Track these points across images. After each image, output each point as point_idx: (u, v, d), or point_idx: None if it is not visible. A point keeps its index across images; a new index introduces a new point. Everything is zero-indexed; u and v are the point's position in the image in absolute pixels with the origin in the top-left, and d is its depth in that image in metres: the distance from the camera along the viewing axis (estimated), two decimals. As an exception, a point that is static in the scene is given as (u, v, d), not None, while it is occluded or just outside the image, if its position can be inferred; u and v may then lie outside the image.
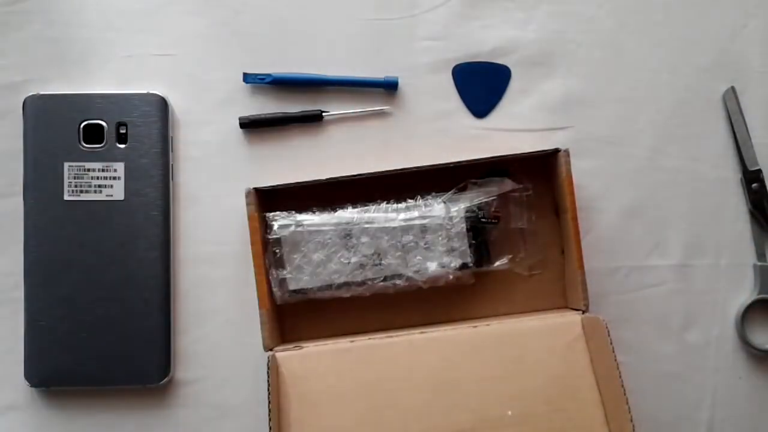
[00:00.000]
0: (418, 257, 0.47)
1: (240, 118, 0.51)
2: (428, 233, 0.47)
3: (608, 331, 0.43)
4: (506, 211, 0.50)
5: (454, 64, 0.52)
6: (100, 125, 0.50)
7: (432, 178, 0.48)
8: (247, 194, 0.46)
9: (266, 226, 0.47)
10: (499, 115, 0.52)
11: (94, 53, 0.52)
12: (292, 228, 0.47)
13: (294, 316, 0.50)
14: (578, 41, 0.53)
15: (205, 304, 0.51)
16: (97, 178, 0.49)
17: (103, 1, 0.53)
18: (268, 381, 0.43)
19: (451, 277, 0.48)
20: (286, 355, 0.45)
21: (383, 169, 0.47)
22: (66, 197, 0.49)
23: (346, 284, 0.48)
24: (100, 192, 0.49)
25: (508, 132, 0.52)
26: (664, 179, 0.52)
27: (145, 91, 0.50)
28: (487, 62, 0.53)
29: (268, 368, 0.44)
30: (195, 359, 0.50)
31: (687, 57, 0.53)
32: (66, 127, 0.50)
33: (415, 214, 0.47)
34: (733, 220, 0.52)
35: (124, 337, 0.49)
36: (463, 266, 0.48)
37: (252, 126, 0.51)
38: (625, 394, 0.42)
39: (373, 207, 0.48)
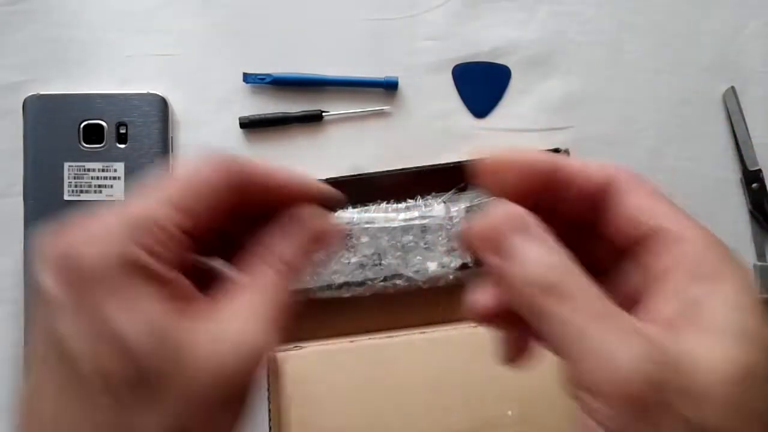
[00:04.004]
0: (418, 257, 0.47)
1: (240, 118, 0.51)
2: (428, 233, 0.47)
3: (608, 331, 0.43)
4: (506, 211, 0.50)
5: (454, 64, 0.52)
6: (100, 125, 0.50)
7: (432, 178, 0.48)
8: (247, 194, 0.46)
9: (266, 226, 0.47)
10: (499, 115, 0.52)
11: (94, 53, 0.52)
12: (292, 228, 0.47)
13: (294, 316, 0.50)
14: (578, 41, 0.53)
15: (205, 304, 0.51)
16: (97, 178, 0.49)
17: (104, 2, 0.53)
18: (268, 381, 0.43)
19: (451, 277, 0.48)
20: (286, 355, 0.45)
21: (383, 169, 0.47)
22: (66, 197, 0.49)
23: (346, 284, 0.48)
24: (100, 192, 0.49)
25: (508, 132, 0.52)
26: (664, 179, 0.51)
27: (145, 91, 0.50)
28: (487, 62, 0.53)
29: (268, 368, 0.44)
30: (195, 359, 0.50)
31: (687, 57, 0.53)
32: (66, 127, 0.50)
33: (415, 214, 0.47)
34: (733, 220, 0.52)
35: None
36: (463, 266, 0.48)
37: (252, 126, 0.51)
38: (625, 394, 0.42)
39: (373, 207, 0.48)
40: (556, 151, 0.47)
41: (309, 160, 0.52)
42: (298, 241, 0.26)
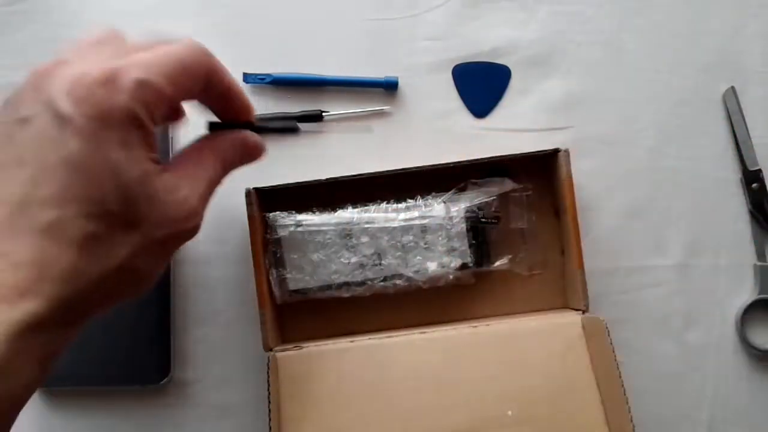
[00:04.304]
0: (418, 257, 0.47)
1: (240, 118, 0.51)
2: (428, 233, 0.47)
3: (608, 331, 0.43)
4: (506, 211, 0.50)
5: (454, 64, 0.52)
6: (100, 125, 0.50)
7: (432, 178, 0.48)
8: (247, 194, 0.46)
9: (266, 226, 0.47)
10: (499, 115, 0.52)
11: (94, 53, 0.52)
12: (292, 228, 0.47)
13: (294, 316, 0.50)
14: (578, 41, 0.53)
15: (205, 304, 0.51)
16: (97, 178, 0.49)
17: (104, 2, 0.53)
18: (268, 381, 0.44)
19: (451, 277, 0.48)
20: (286, 355, 0.45)
21: (383, 169, 0.47)
22: (66, 197, 0.49)
23: (346, 284, 0.48)
24: (100, 192, 0.49)
25: (508, 132, 0.52)
26: (664, 179, 0.52)
27: (145, 91, 0.50)
28: (487, 62, 0.53)
29: (268, 368, 0.44)
30: (195, 359, 0.50)
31: (687, 57, 0.53)
32: (66, 127, 0.50)
33: (415, 214, 0.47)
34: (733, 220, 0.52)
35: (124, 337, 0.49)
36: (463, 266, 0.48)
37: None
38: (625, 394, 0.42)
39: (373, 207, 0.48)
40: (556, 151, 0.47)
41: (309, 160, 0.52)
42: (235, 144, 0.37)
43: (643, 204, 0.52)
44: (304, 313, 0.50)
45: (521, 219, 0.50)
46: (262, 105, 0.52)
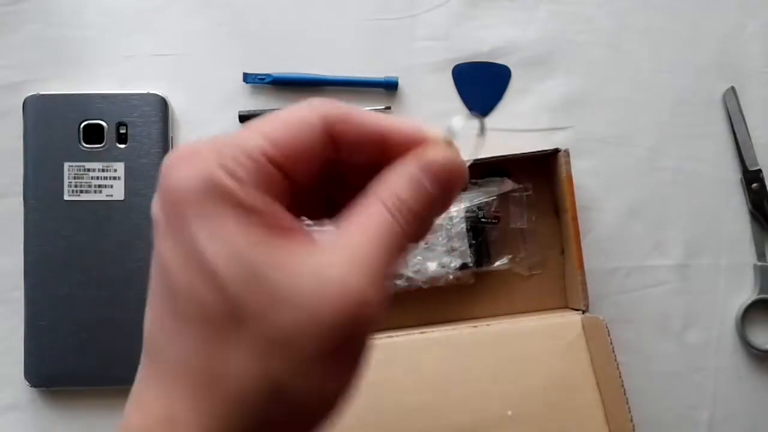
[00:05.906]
0: (418, 257, 0.47)
1: (240, 111, 0.51)
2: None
3: (608, 331, 0.43)
4: (506, 211, 0.50)
5: (454, 64, 0.52)
6: (100, 125, 0.50)
7: (432, 178, 0.48)
8: (247, 194, 0.46)
9: (266, 226, 0.47)
10: (499, 115, 0.52)
11: (94, 53, 0.52)
12: (292, 228, 0.47)
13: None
14: (578, 41, 0.53)
15: (205, 304, 0.51)
16: (97, 178, 0.49)
17: (103, 1, 0.53)
18: (268, 381, 0.43)
19: (451, 277, 0.48)
20: (286, 355, 0.45)
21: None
22: (66, 197, 0.49)
23: (346, 284, 0.48)
24: (100, 192, 0.49)
25: (508, 132, 0.52)
26: (664, 179, 0.52)
27: (145, 91, 0.50)
28: (487, 62, 0.53)
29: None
30: (195, 359, 0.50)
31: (687, 57, 0.53)
32: (66, 127, 0.50)
33: (415, 214, 0.47)
34: (733, 220, 0.52)
35: (124, 337, 0.49)
36: (463, 266, 0.48)
37: (251, 120, 0.51)
38: (625, 394, 0.42)
39: (373, 207, 0.48)
40: (556, 151, 0.47)
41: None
42: (416, 177, 0.22)
43: (643, 204, 0.52)
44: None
45: (521, 219, 0.50)
46: (262, 105, 0.52)
